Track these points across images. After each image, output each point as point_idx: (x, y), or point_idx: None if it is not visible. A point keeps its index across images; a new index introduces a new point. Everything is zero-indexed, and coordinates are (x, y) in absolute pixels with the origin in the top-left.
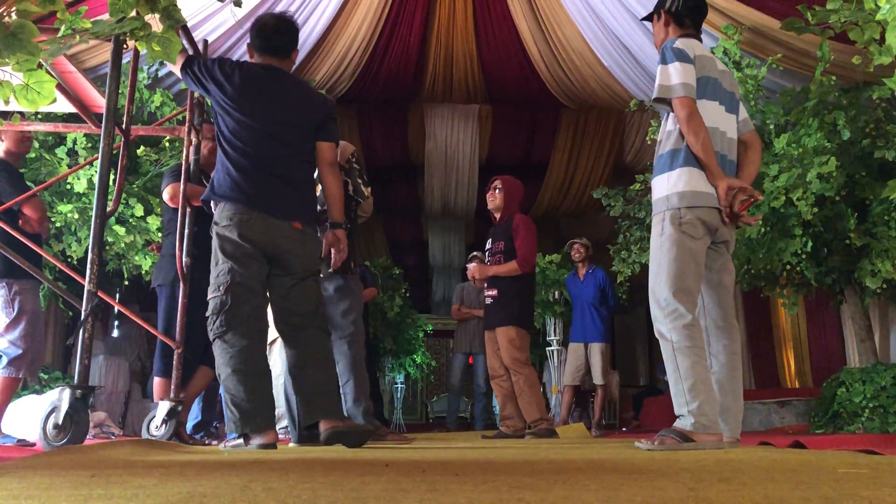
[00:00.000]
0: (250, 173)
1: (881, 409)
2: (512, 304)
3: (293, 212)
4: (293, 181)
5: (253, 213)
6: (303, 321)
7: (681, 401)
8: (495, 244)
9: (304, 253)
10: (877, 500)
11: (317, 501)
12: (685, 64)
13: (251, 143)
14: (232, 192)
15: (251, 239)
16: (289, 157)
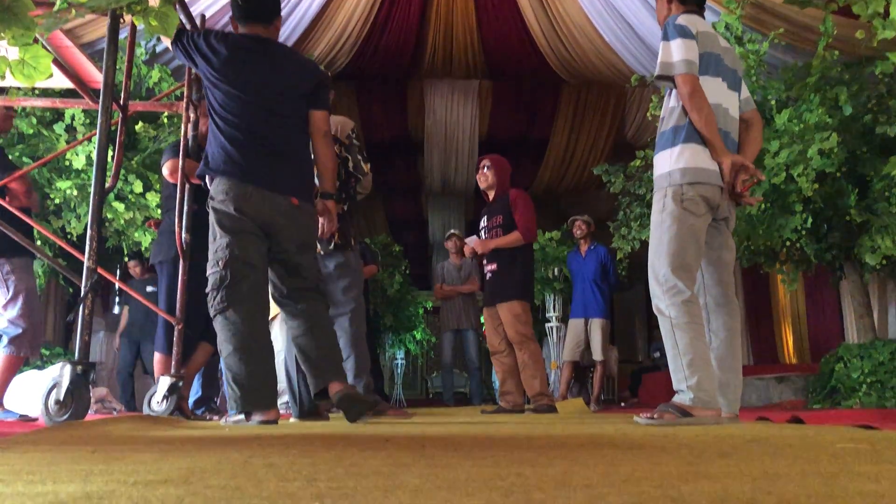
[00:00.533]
0: (243, 146)
1: (879, 385)
2: (513, 278)
3: (289, 186)
4: (286, 153)
5: (248, 187)
6: (302, 294)
7: (679, 376)
8: (492, 219)
9: (300, 228)
10: (874, 475)
11: (317, 476)
12: (687, 40)
13: (242, 115)
14: (226, 165)
15: (247, 213)
16: (281, 128)
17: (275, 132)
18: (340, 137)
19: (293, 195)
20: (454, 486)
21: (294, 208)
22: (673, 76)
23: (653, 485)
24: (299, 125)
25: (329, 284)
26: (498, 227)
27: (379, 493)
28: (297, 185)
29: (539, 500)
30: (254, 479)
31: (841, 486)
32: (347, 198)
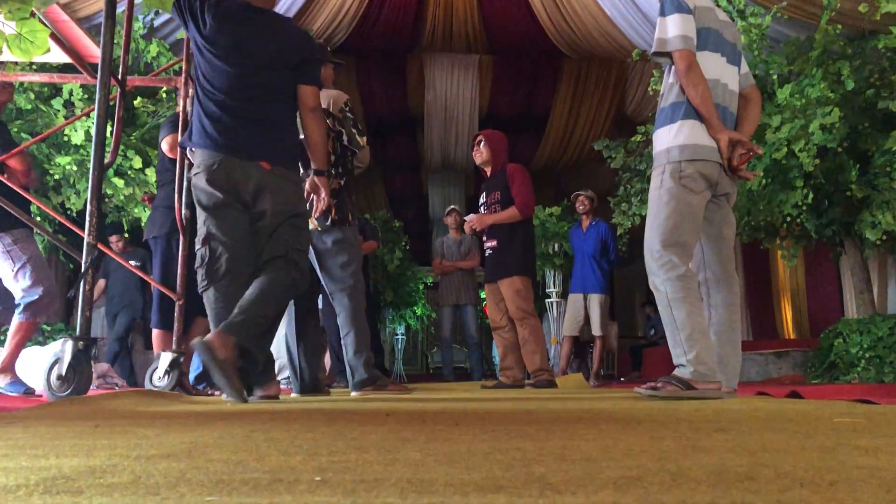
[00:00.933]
0: (219, 117)
1: (877, 360)
2: (514, 254)
3: (261, 152)
4: (262, 122)
5: (218, 157)
6: (272, 263)
7: (679, 351)
8: (490, 195)
9: (275, 194)
10: (872, 449)
11: (318, 451)
12: (684, 15)
13: (222, 86)
14: (200, 138)
15: (219, 183)
16: (262, 99)
17: (253, 102)
18: (333, 111)
19: (265, 160)
20: (454, 460)
21: (267, 174)
22: (670, 52)
23: (651, 459)
24: (283, 97)
25: (328, 260)
26: (496, 203)
27: (380, 466)
28: (270, 151)
29: (539, 473)
30: (256, 454)
31: (839, 460)
32: (344, 172)
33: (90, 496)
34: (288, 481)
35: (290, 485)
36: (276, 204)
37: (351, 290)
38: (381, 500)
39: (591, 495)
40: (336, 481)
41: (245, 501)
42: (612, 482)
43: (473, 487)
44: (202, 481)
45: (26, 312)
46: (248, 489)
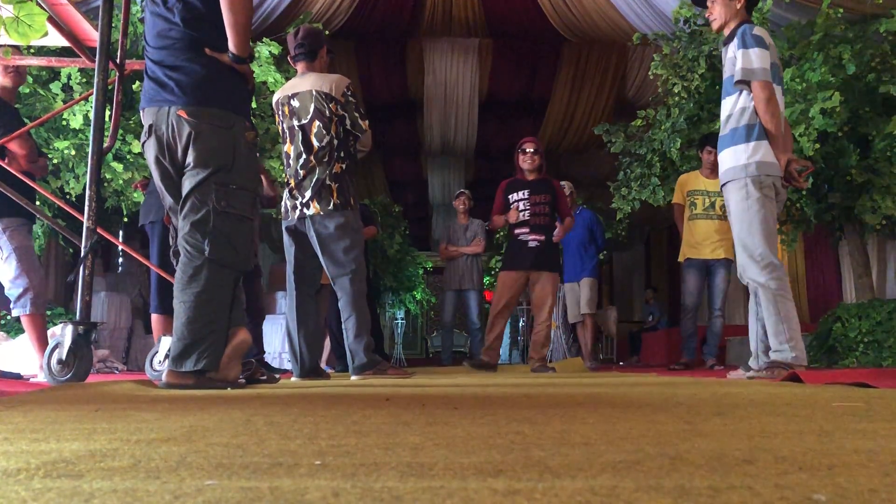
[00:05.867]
0: (147, 69)
1: (876, 344)
2: (555, 254)
3: (174, 97)
4: (176, 64)
5: (144, 113)
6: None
7: (781, 339)
8: (539, 196)
9: (194, 142)
10: (871, 433)
11: (318, 435)
12: (764, 50)
13: (148, 34)
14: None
15: (152, 144)
16: (172, 36)
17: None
18: (336, 95)
19: (181, 107)
20: (454, 444)
21: (186, 122)
22: (751, 81)
23: (650, 443)
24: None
25: (330, 244)
26: (546, 204)
27: (379, 450)
28: (184, 96)
29: (538, 457)
30: (256, 438)
31: (836, 443)
32: (347, 156)
33: (90, 480)
34: (288, 465)
35: (289, 468)
36: (194, 152)
37: (353, 275)
38: (380, 484)
39: (591, 479)
40: (336, 465)
41: (245, 485)
42: (611, 466)
43: (473, 471)
44: (202, 465)
45: (20, 306)
46: (248, 473)
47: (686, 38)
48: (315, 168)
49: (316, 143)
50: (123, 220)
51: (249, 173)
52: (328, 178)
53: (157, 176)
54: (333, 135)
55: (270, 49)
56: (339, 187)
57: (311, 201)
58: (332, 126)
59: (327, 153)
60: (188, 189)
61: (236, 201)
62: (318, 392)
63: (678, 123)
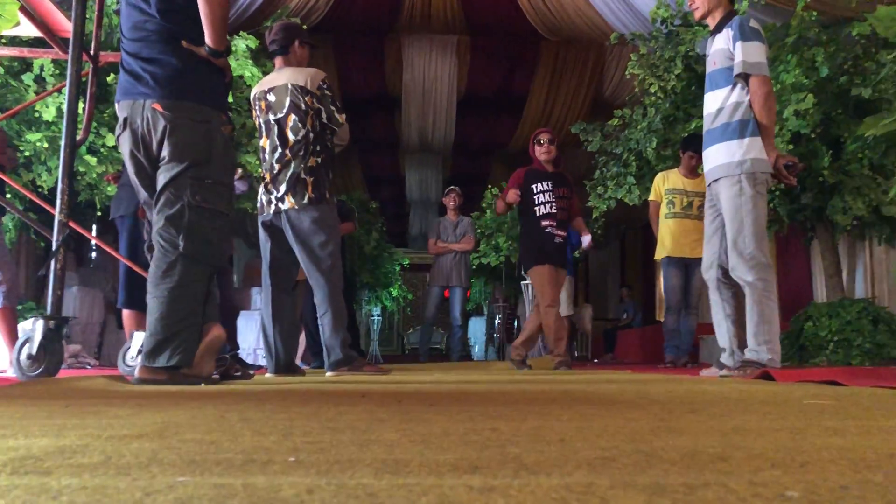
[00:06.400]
0: (123, 62)
1: (845, 343)
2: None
3: (150, 90)
4: (152, 56)
5: (119, 106)
6: (166, 245)
7: (761, 339)
8: (560, 189)
9: (169, 135)
10: (841, 430)
11: (292, 431)
12: (763, 45)
13: (124, 25)
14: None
15: (127, 137)
16: (148, 28)
17: (140, 34)
18: (311, 89)
19: (155, 101)
20: (429, 441)
21: (161, 115)
22: (751, 74)
23: (625, 439)
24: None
25: (305, 239)
26: (567, 198)
27: (354, 447)
28: (159, 89)
29: (514, 454)
30: (229, 434)
31: (808, 440)
32: (323, 150)
33: (59, 476)
34: (261, 461)
35: (263, 465)
36: (169, 145)
37: (328, 270)
38: (355, 481)
39: (566, 476)
40: (310, 462)
41: (218, 482)
42: (586, 462)
43: (448, 468)
44: (174, 461)
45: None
46: (221, 469)
47: (663, 39)
48: (290, 162)
49: (291, 137)
50: (97, 213)
51: (226, 168)
52: (303, 171)
53: (131, 170)
54: (309, 128)
55: (248, 43)
56: (314, 181)
57: (287, 195)
58: (308, 119)
59: (303, 147)
60: (163, 183)
61: (212, 196)
62: (292, 388)
63: (654, 123)
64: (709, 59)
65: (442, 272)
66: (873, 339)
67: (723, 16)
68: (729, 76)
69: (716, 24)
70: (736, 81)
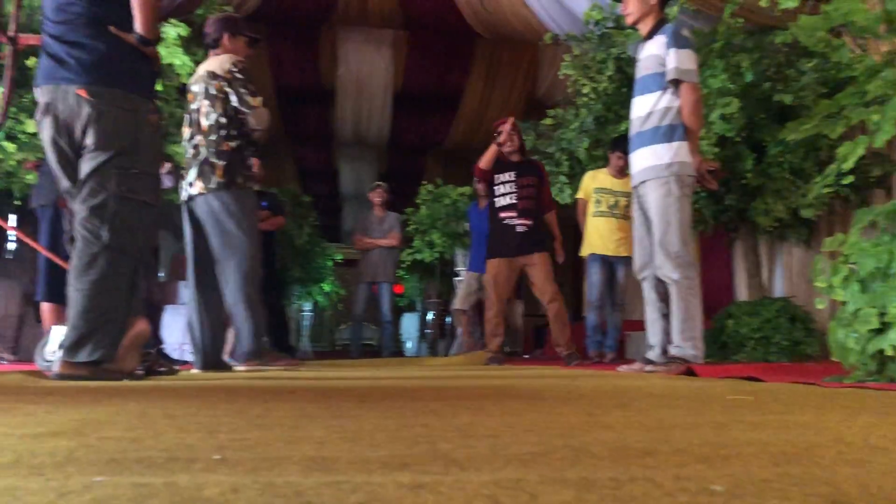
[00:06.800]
0: (45, 45)
1: (765, 340)
2: (542, 236)
3: (74, 75)
4: (77, 40)
5: (40, 90)
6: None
7: (687, 335)
8: (524, 178)
9: (91, 123)
10: (761, 425)
11: (218, 428)
12: (693, 53)
13: (47, 7)
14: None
15: (48, 123)
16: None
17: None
18: (221, 73)
19: (80, 86)
20: (359, 438)
21: (84, 101)
22: (682, 81)
23: (555, 434)
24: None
25: (215, 226)
26: (531, 186)
27: (282, 444)
28: (84, 74)
29: (444, 450)
30: (152, 431)
31: (731, 435)
32: (239, 136)
33: None
34: (185, 459)
35: (187, 463)
36: (97, 137)
37: (238, 260)
38: (282, 479)
39: (496, 471)
40: (236, 459)
41: (138, 481)
42: (516, 458)
43: (378, 465)
44: (92, 460)
45: None
46: (142, 468)
47: (596, 40)
48: (202, 147)
49: (204, 123)
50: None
51: (153, 158)
52: (213, 156)
53: (52, 157)
54: (220, 113)
55: (178, 31)
56: (225, 166)
57: (196, 180)
58: (219, 104)
59: (215, 132)
60: (87, 172)
61: (138, 186)
62: (219, 384)
63: (586, 123)
64: (639, 65)
65: (369, 268)
66: (790, 337)
67: (654, 23)
68: (660, 81)
69: (648, 31)
70: (667, 87)
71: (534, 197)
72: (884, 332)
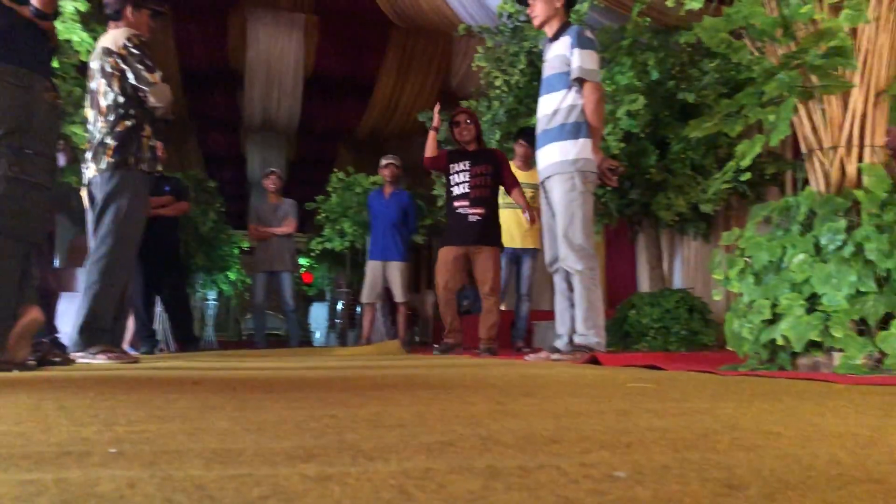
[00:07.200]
0: None
1: (664, 330)
2: (497, 228)
3: None
4: None
5: None
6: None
7: (590, 324)
8: (478, 167)
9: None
10: (662, 412)
11: (116, 420)
12: (596, 53)
13: None
14: None
15: None
16: None
17: None
18: (116, 49)
19: None
20: (265, 429)
21: None
22: (585, 80)
23: (463, 423)
24: None
25: (99, 207)
26: (487, 175)
27: (184, 436)
28: None
29: (352, 441)
30: (43, 424)
31: (633, 422)
32: (137, 115)
33: None
34: (78, 454)
35: (80, 457)
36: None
37: (113, 243)
38: (182, 473)
39: (404, 461)
40: (134, 453)
41: (25, 478)
42: (425, 448)
43: (283, 456)
44: None
45: None
46: (30, 464)
47: (509, 33)
48: (100, 127)
49: (102, 103)
50: None
51: (48, 138)
52: (108, 136)
53: None
54: (118, 91)
55: (76, 5)
56: (117, 146)
57: (91, 161)
58: (115, 82)
59: (113, 111)
60: None
61: (31, 167)
62: (118, 375)
63: (498, 116)
64: (546, 64)
65: (266, 257)
66: (689, 327)
67: (560, 25)
68: (565, 80)
69: (554, 32)
70: (571, 85)
71: (489, 186)
72: (775, 323)
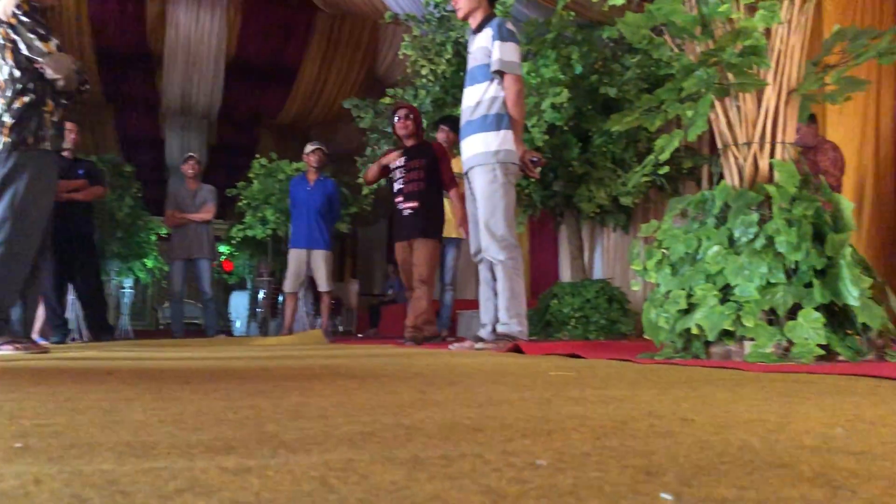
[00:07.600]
0: None
1: (584, 319)
2: (431, 219)
3: None
4: None
5: None
6: None
7: (512, 313)
8: (412, 161)
9: None
10: (582, 400)
11: (21, 413)
12: (517, 45)
13: None
14: None
15: None
16: None
17: None
18: (5, 18)
19: None
20: (182, 421)
21: None
22: (505, 72)
23: (387, 413)
24: None
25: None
26: (421, 169)
27: (95, 429)
28: None
29: (272, 432)
30: None
31: (554, 410)
32: (36, 90)
33: None
34: None
35: None
36: None
37: (11, 229)
38: (93, 467)
39: (326, 453)
40: (40, 447)
41: None
42: (347, 438)
43: (201, 449)
44: None
45: None
46: None
47: (435, 23)
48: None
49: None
50: None
51: None
52: (5, 113)
53: None
54: (13, 64)
55: None
56: (14, 123)
57: None
58: (8, 54)
59: (10, 87)
60: None
61: None
62: (25, 366)
63: (424, 105)
64: (470, 56)
65: (184, 244)
66: (608, 316)
67: (483, 17)
68: (487, 72)
69: (477, 24)
70: (493, 77)
71: (422, 179)
72: (690, 313)
